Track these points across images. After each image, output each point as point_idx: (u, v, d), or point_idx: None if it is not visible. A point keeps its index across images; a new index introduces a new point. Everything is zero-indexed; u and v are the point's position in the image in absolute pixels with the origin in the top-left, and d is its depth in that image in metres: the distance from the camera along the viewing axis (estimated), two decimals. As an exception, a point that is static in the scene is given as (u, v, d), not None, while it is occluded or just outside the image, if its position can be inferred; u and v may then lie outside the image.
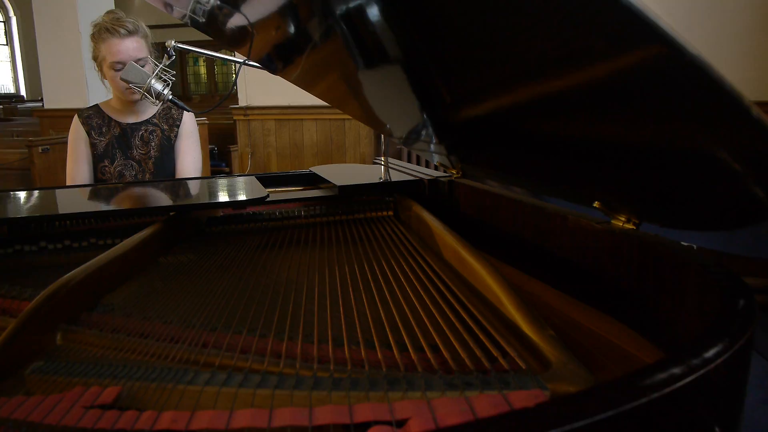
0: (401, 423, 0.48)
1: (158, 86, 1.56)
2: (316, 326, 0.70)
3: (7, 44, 14.60)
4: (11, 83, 14.92)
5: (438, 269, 0.91)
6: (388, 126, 1.41)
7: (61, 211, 1.12)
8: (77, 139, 1.86)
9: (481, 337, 0.65)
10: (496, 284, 0.77)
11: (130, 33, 1.80)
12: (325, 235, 1.18)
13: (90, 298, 0.81)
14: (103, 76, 1.87)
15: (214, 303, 0.81)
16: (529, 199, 1.03)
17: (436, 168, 1.43)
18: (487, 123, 1.08)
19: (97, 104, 1.94)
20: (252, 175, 1.43)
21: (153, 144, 1.89)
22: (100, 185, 1.76)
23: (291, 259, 1.04)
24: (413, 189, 1.33)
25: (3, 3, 14.28)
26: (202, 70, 13.71)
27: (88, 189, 1.46)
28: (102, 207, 1.18)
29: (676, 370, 0.40)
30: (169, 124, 1.92)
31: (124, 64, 1.78)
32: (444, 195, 1.28)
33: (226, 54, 1.96)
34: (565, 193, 0.93)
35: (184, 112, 1.94)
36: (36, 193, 1.28)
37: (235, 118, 3.77)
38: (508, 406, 0.49)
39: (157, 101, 1.56)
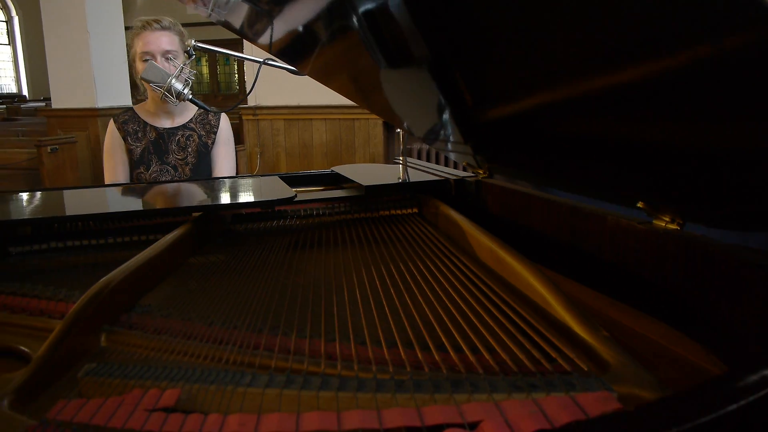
0: (473, 426, 0.47)
1: (179, 85, 1.55)
2: (365, 327, 0.69)
3: (9, 44, 14.60)
4: (13, 83, 14.92)
5: (475, 269, 0.90)
6: (406, 124, 1.41)
7: (91, 211, 1.11)
8: (114, 145, 1.85)
9: (535, 338, 0.65)
10: (542, 285, 0.76)
11: (163, 28, 1.79)
12: (353, 234, 1.17)
13: (129, 299, 0.80)
14: (137, 74, 1.85)
15: (253, 304, 0.80)
16: (564, 200, 1.02)
17: (463, 168, 1.42)
18: (520, 122, 1.08)
19: (132, 107, 1.93)
20: (275, 174, 1.42)
21: (190, 149, 1.87)
22: (129, 184, 1.75)
23: (323, 258, 1.03)
24: (439, 189, 1.32)
25: (5, 2, 14.27)
26: (204, 70, 13.69)
27: (120, 188, 1.45)
28: (133, 206, 1.18)
29: None
30: (206, 130, 1.90)
31: (153, 55, 1.76)
32: (471, 195, 1.28)
33: (238, 53, 1.95)
34: (606, 194, 0.92)
35: (221, 118, 1.93)
36: (62, 193, 1.27)
37: (243, 117, 3.76)
38: (578, 408, 0.49)
39: (177, 101, 1.55)
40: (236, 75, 13.46)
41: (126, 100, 4.45)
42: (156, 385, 0.55)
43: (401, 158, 1.51)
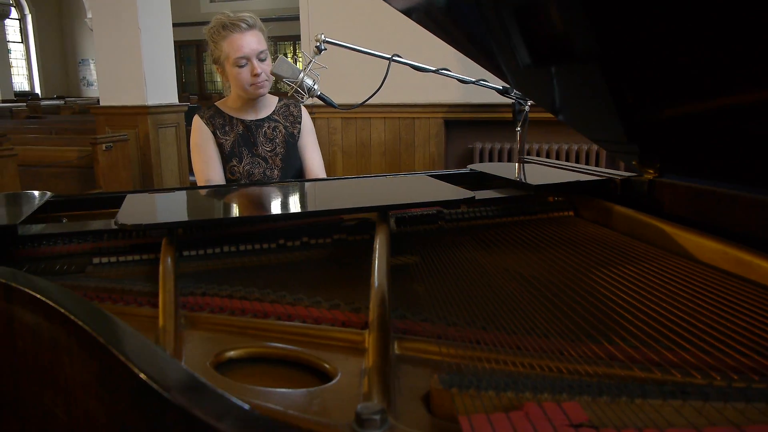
0: None
1: (309, 81, 1.51)
2: (649, 331, 0.65)
3: (22, 42, 14.56)
4: (26, 81, 14.87)
5: (707, 272, 0.86)
6: (560, 117, 1.37)
7: (272, 212, 1.07)
8: (205, 140, 1.81)
9: None
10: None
11: (250, 27, 1.76)
12: (522, 235, 1.13)
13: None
14: (224, 75, 1.82)
15: (504, 307, 0.76)
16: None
17: (628, 168, 1.37)
18: (704, 121, 1.04)
19: (214, 104, 1.90)
20: (422, 173, 1.39)
21: (278, 140, 1.85)
22: (292, 181, 1.70)
23: (520, 260, 0.99)
24: (603, 188, 1.28)
25: (18, 1, 14.23)
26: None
27: (290, 187, 1.41)
28: (318, 206, 1.14)
29: None
30: (290, 121, 1.88)
31: (247, 58, 1.74)
32: (642, 195, 1.24)
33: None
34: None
35: (302, 109, 1.91)
36: (228, 190, 1.23)
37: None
38: None
39: (308, 96, 1.51)
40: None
41: (173, 98, 4.41)
42: (538, 398, 0.51)
43: (532, 158, 1.48)
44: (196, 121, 1.85)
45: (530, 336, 0.67)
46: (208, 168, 1.81)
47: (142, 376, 0.39)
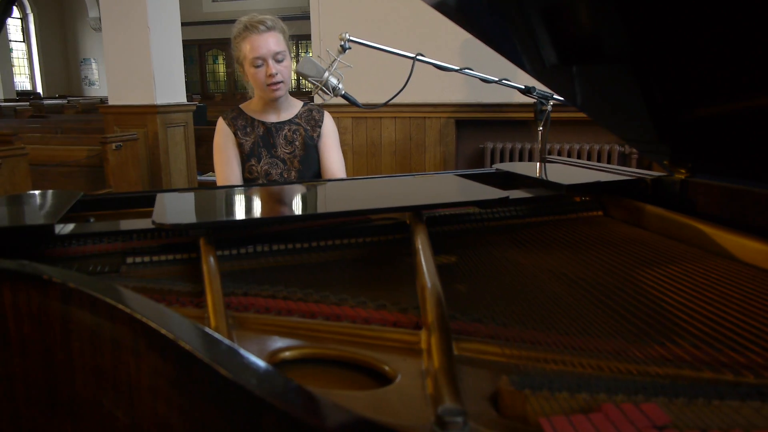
0: None
1: (333, 80, 1.51)
2: (710, 332, 0.65)
3: (23, 41, 14.54)
4: (27, 80, 14.86)
5: (745, 271, 0.86)
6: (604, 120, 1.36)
7: (310, 212, 1.07)
8: (225, 140, 1.83)
9: None
10: None
11: (269, 28, 1.76)
12: (561, 234, 1.13)
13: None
14: (246, 76, 1.84)
15: (557, 306, 0.75)
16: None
17: (659, 167, 1.37)
18: (740, 120, 1.03)
19: (238, 106, 1.91)
20: (449, 173, 1.38)
21: (297, 143, 1.86)
22: (317, 182, 1.70)
23: (560, 259, 0.99)
24: (634, 188, 1.28)
25: (20, 0, 14.20)
26: (221, 68, 13.66)
27: (321, 186, 1.40)
28: (355, 206, 1.13)
29: None
30: (311, 125, 1.88)
31: (263, 59, 1.74)
32: (674, 195, 1.23)
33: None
34: None
35: (325, 114, 1.91)
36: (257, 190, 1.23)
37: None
38: None
39: (332, 95, 1.51)
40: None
41: (182, 98, 4.40)
42: (613, 400, 0.51)
43: (554, 157, 1.47)
44: (220, 122, 1.88)
45: (588, 337, 0.67)
46: (227, 168, 1.83)
47: (242, 383, 0.38)
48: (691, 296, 0.77)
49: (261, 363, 0.42)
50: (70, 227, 1.08)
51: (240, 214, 1.11)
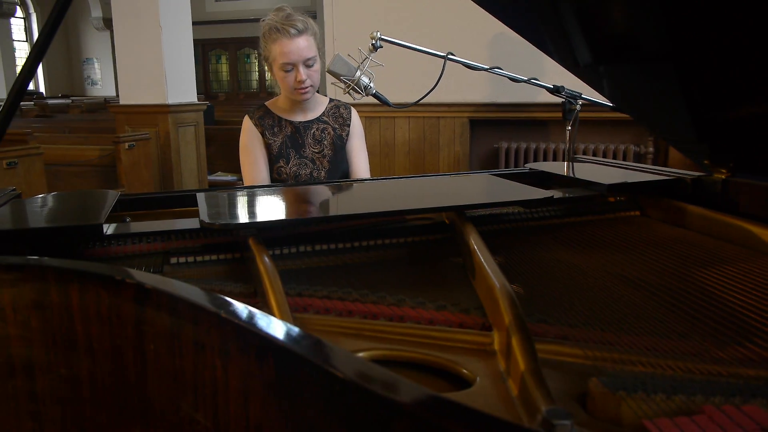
0: None
1: (365, 79, 1.50)
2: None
3: (26, 40, 14.52)
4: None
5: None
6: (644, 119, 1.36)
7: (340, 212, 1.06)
8: (252, 140, 1.81)
9: None
10: None
11: (300, 32, 1.71)
12: (604, 234, 1.12)
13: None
14: (273, 75, 1.81)
15: (624, 307, 0.75)
16: None
17: (704, 167, 1.36)
18: None
19: (264, 104, 1.88)
20: (483, 172, 1.37)
21: (326, 142, 1.84)
22: (345, 181, 1.68)
23: (611, 259, 0.98)
24: (674, 188, 1.27)
25: (23, 0, 14.19)
26: (224, 68, 13.64)
27: (360, 186, 1.39)
28: (400, 206, 1.12)
29: None
30: (339, 123, 1.86)
31: (293, 65, 1.71)
32: (715, 195, 1.23)
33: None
34: None
35: (352, 111, 1.89)
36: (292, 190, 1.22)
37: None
38: None
39: (363, 94, 1.50)
40: (256, 73, 13.43)
41: (192, 97, 4.40)
42: (711, 401, 0.50)
43: (582, 157, 1.46)
44: (246, 122, 1.84)
45: (665, 338, 0.66)
46: (255, 169, 1.80)
47: (371, 388, 0.37)
48: (755, 295, 0.77)
49: (378, 367, 0.41)
50: (112, 227, 1.08)
51: (288, 213, 1.10)
